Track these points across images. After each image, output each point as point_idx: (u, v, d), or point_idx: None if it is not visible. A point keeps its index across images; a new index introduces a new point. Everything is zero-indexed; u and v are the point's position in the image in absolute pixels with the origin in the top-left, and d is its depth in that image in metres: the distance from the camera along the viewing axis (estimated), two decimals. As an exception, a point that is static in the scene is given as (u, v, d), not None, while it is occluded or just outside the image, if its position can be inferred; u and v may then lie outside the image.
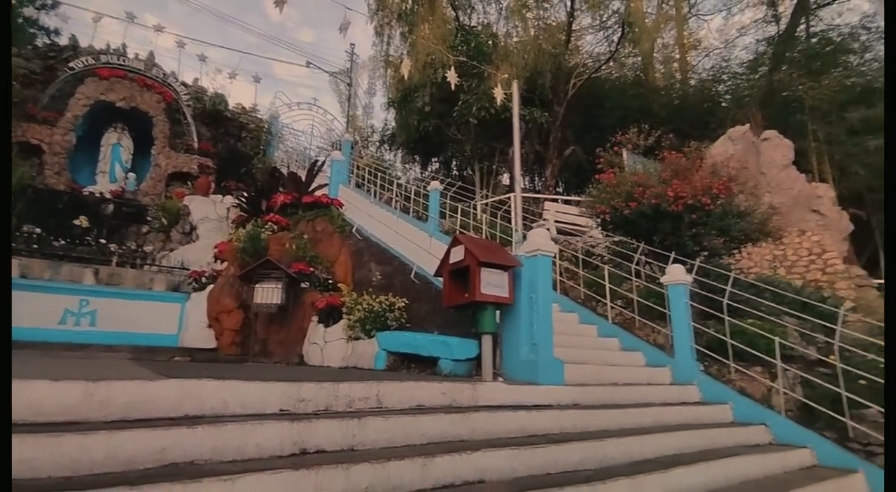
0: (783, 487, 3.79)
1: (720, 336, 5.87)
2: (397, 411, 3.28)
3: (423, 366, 5.25)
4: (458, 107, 12.86)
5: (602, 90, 15.80)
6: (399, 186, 13.07)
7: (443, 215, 11.05)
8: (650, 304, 6.64)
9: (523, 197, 13.54)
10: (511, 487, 2.75)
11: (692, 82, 17.51)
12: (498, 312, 4.70)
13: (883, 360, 5.14)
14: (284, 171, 12.43)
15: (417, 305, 6.26)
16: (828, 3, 15.13)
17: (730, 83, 16.40)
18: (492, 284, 4.43)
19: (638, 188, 7.20)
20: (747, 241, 7.78)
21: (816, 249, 9.44)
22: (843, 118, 12.15)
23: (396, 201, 12.14)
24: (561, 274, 7.96)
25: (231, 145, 15.05)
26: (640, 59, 17.26)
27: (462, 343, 4.86)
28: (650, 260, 7.77)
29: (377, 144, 20.03)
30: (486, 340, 4.54)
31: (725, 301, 5.99)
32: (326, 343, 6.75)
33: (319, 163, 12.34)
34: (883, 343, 5.72)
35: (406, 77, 10.76)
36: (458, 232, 8.81)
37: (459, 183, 13.37)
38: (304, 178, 10.71)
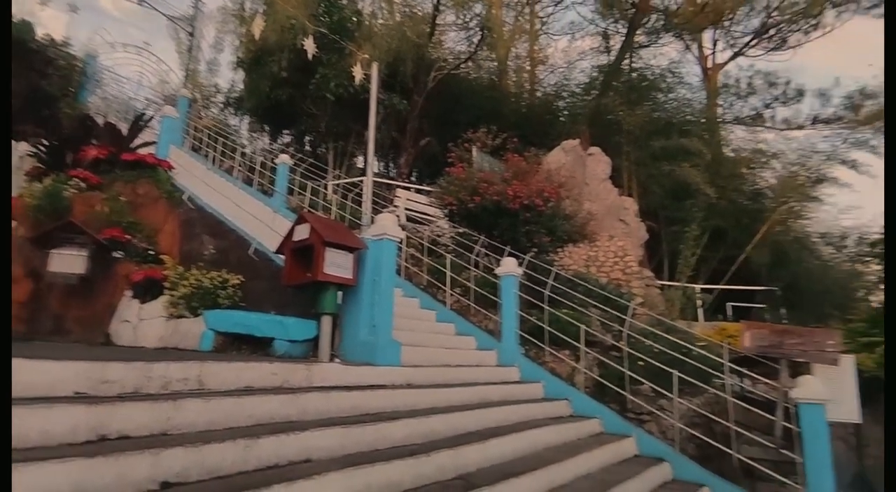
0: (575, 451, 4.43)
1: (540, 323, 6.61)
2: (221, 393, 3.07)
3: (255, 347, 4.97)
4: (315, 79, 12.29)
5: (460, 88, 16.47)
6: (244, 155, 12.08)
7: (291, 192, 10.53)
8: (485, 293, 7.18)
9: (376, 181, 13.54)
10: (338, 464, 2.77)
11: (538, 94, 19.19)
12: (340, 294, 4.66)
13: (658, 346, 6.30)
14: (100, 120, 10.61)
15: (255, 283, 5.90)
16: (646, 46, 17.83)
17: (568, 100, 18.33)
18: (336, 264, 4.38)
19: (483, 184, 7.71)
20: (569, 241, 8.85)
21: (620, 253, 11.09)
22: (648, 145, 14.44)
23: (239, 171, 11.22)
24: (406, 260, 8.17)
25: (33, 82, 12.28)
26: (496, 64, 18.38)
27: (300, 324, 4.72)
28: (489, 252, 8.39)
29: (221, 105, 18.21)
30: (326, 321, 4.47)
31: (547, 293, 6.75)
32: (141, 321, 5.99)
33: (147, 117, 10.79)
34: (660, 332, 7.00)
35: (257, 37, 9.91)
36: (305, 210, 8.47)
37: (311, 160, 12.84)
38: (125, 132, 9.28)
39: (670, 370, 5.53)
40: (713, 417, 5.54)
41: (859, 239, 16.71)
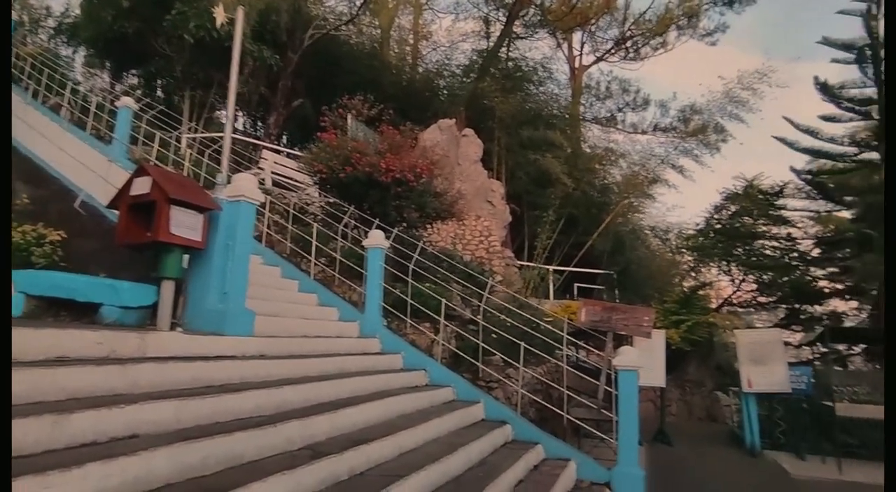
0: (426, 418, 4.63)
1: (403, 296, 6.72)
2: (27, 364, 2.64)
3: (79, 314, 4.34)
4: (171, 16, 10.79)
5: (340, 51, 15.77)
6: (75, 92, 10.31)
7: (134, 141, 9.26)
8: (351, 264, 7.09)
9: (240, 140, 12.50)
10: (170, 438, 2.56)
11: (420, 70, 19.15)
12: (186, 257, 4.25)
13: (511, 320, 6.81)
14: None
15: (81, 241, 5.13)
16: (523, 37, 18.72)
17: (449, 80, 18.60)
18: (182, 224, 3.97)
19: (356, 154, 7.53)
20: (438, 218, 9.07)
21: (485, 233, 11.72)
22: (518, 133, 15.30)
23: (69, 111, 9.55)
24: (269, 227, 7.73)
25: None
26: (378, 32, 17.90)
27: (136, 289, 4.22)
28: (358, 224, 8.27)
29: (51, 31, 15.28)
30: (167, 287, 4.05)
31: (412, 267, 6.88)
32: (-80, 280, 4.87)
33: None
34: (514, 308, 7.56)
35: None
36: (151, 163, 7.52)
37: (162, 108, 11.39)
38: None
39: (519, 342, 6.01)
40: (552, 383, 6.18)
41: (679, 234, 19.62)
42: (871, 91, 11.21)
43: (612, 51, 20.73)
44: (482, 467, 4.42)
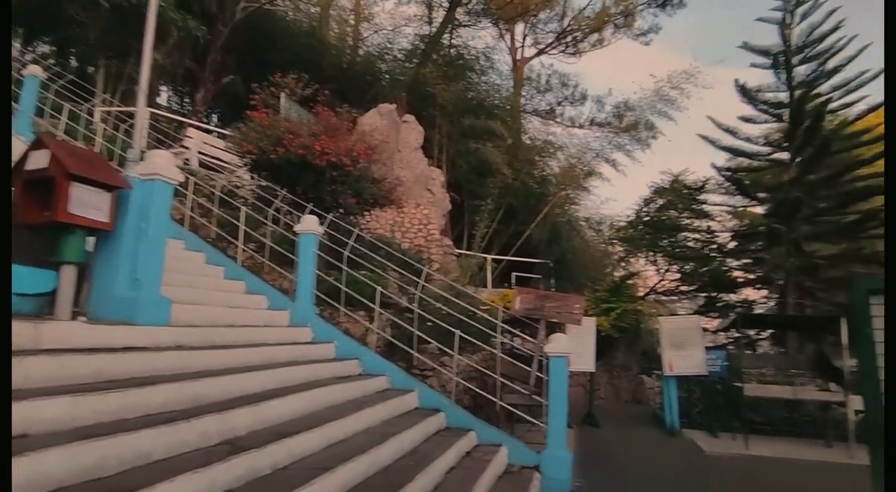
0: (357, 408, 4.53)
1: (337, 284, 6.54)
2: None
3: (-38, 302, 3.86)
4: (85, -22, 9.83)
5: (276, 27, 15.04)
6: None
7: (40, 113, 8.40)
8: (282, 250, 6.80)
9: (164, 116, 11.67)
10: (66, 437, 2.32)
11: (361, 52, 18.65)
12: (91, 240, 3.87)
13: (447, 309, 6.80)
14: None
15: (-33, 220, 4.55)
16: (466, 25, 18.66)
17: (391, 64, 18.24)
18: (86, 204, 3.60)
19: (288, 135, 7.19)
20: (376, 205, 8.88)
21: (424, 221, 11.65)
22: (459, 121, 15.28)
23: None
24: (193, 210, 7.26)
25: None
26: (318, 10, 17.21)
27: (32, 274, 3.79)
28: (291, 209, 7.94)
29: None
30: (67, 272, 3.68)
31: (346, 253, 6.69)
32: None
33: None
34: (451, 296, 7.56)
35: None
36: (59, 137, 6.83)
37: (74, 78, 10.39)
38: None
39: (453, 330, 6.01)
40: (486, 371, 6.24)
41: (611, 225, 20.44)
42: (784, 95, 12.11)
43: (553, 44, 21.11)
44: (414, 455, 4.40)
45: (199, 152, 10.26)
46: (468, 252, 13.37)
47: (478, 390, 6.25)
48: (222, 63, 13.17)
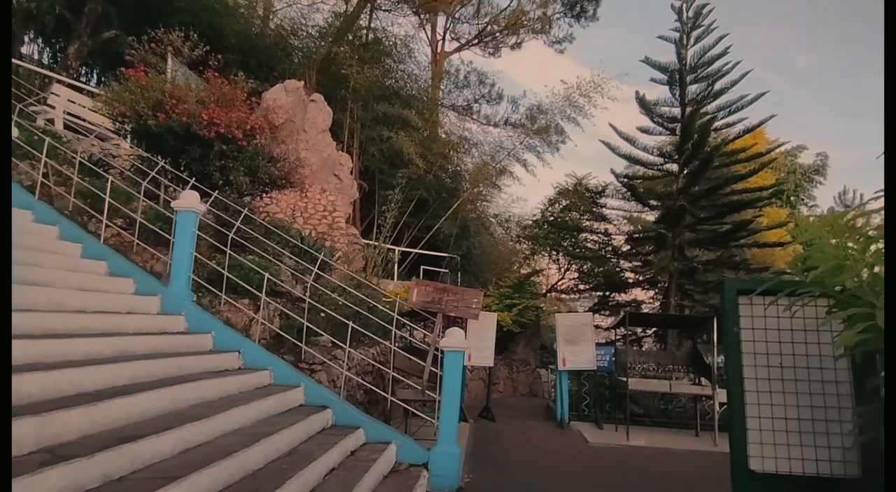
0: (229, 405, 4.07)
1: (220, 269, 5.93)
2: None
3: None
4: None
5: (172, -19, 13.53)
6: None
7: None
8: (157, 228, 6.04)
9: (27, 69, 10.04)
10: None
11: (272, 25, 17.45)
12: None
13: (343, 300, 6.44)
14: None
15: None
16: (387, 10, 18.15)
17: (304, 41, 17.24)
18: None
19: (171, 100, 6.39)
20: (275, 186, 8.25)
21: (330, 207, 11.10)
22: (373, 107, 14.80)
23: None
24: (48, 177, 6.24)
25: None
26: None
27: None
28: (172, 184, 7.12)
29: None
30: None
31: (231, 236, 6.09)
32: None
33: None
34: (350, 287, 7.20)
35: None
36: None
37: None
38: None
39: (347, 322, 5.68)
40: (379, 365, 5.98)
41: (518, 223, 21.01)
42: (677, 111, 13.05)
43: (473, 41, 21.20)
44: (290, 457, 4.03)
45: (67, 112, 8.93)
46: (376, 243, 13.00)
47: (370, 385, 5.97)
48: (103, 15, 11.59)
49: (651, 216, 15.14)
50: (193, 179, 6.49)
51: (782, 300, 2.58)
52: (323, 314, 6.02)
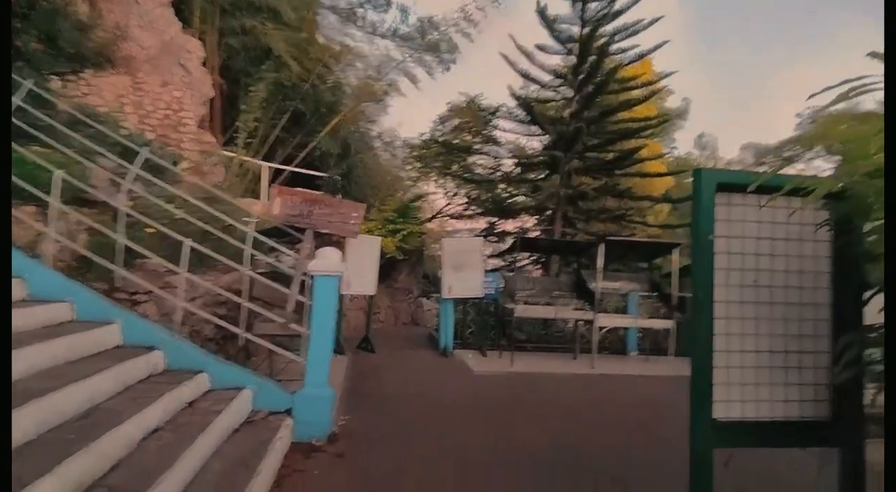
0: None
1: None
2: None
3: None
4: None
5: None
6: None
7: None
8: None
9: None
10: None
11: None
12: None
13: (177, 212, 5.01)
14: None
15: None
16: None
17: None
18: None
19: None
20: (85, 62, 6.15)
21: (175, 106, 8.98)
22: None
23: None
24: None
25: None
26: None
27: None
28: None
29: None
30: None
31: (12, 120, 4.26)
32: None
33: None
34: (196, 200, 5.71)
35: None
36: None
37: None
38: None
39: (184, 240, 4.36)
40: (231, 296, 4.79)
41: (405, 144, 19.82)
42: (576, 30, 12.50)
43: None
44: (86, 420, 2.88)
45: None
46: (243, 157, 11.07)
47: (221, 320, 4.79)
48: None
49: (539, 143, 14.89)
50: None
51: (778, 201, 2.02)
52: (151, 230, 4.59)
